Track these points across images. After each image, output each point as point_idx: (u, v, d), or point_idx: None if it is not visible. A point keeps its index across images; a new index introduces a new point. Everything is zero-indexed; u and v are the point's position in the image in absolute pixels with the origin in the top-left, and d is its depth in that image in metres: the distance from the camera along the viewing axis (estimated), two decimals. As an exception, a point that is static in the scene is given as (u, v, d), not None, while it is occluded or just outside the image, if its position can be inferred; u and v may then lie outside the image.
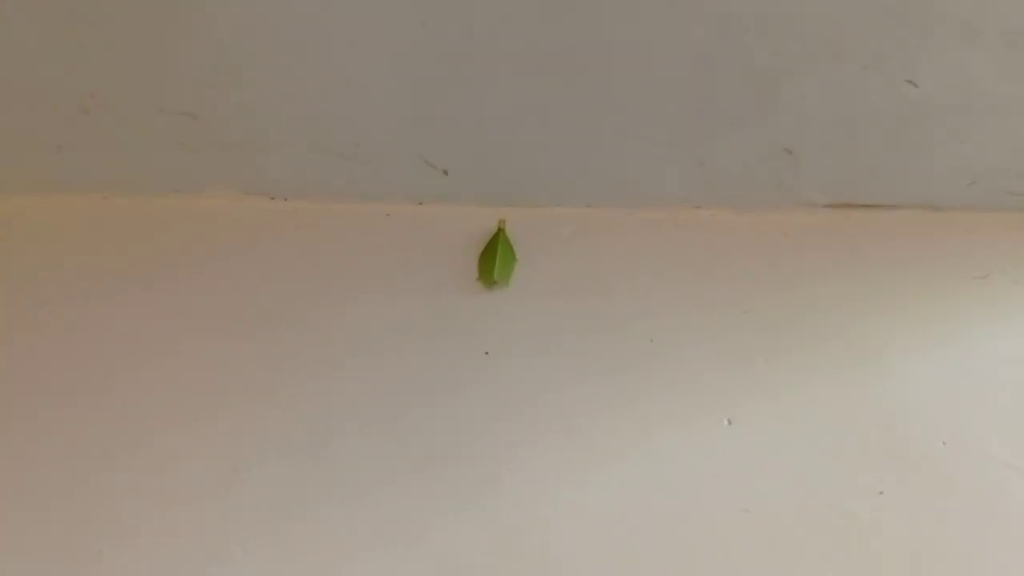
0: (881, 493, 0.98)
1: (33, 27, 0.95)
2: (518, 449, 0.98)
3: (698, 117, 1.10)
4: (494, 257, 1.12)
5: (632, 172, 1.18)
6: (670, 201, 1.21)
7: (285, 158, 1.12)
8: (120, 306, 1.07)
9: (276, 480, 0.94)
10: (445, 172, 1.15)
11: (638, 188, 1.20)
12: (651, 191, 1.20)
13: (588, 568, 0.92)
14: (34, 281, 1.08)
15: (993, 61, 1.03)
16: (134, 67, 1.00)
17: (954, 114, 1.10)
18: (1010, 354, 1.10)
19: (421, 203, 1.19)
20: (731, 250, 1.19)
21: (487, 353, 1.06)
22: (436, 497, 0.94)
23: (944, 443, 1.02)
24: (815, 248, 1.20)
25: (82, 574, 0.88)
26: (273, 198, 1.17)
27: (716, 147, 1.14)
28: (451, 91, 1.06)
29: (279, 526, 0.91)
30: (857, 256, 1.20)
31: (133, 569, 0.88)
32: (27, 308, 1.06)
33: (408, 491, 0.95)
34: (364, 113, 1.08)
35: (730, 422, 1.03)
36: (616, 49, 1.02)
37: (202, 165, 1.12)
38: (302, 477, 0.95)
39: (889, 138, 1.14)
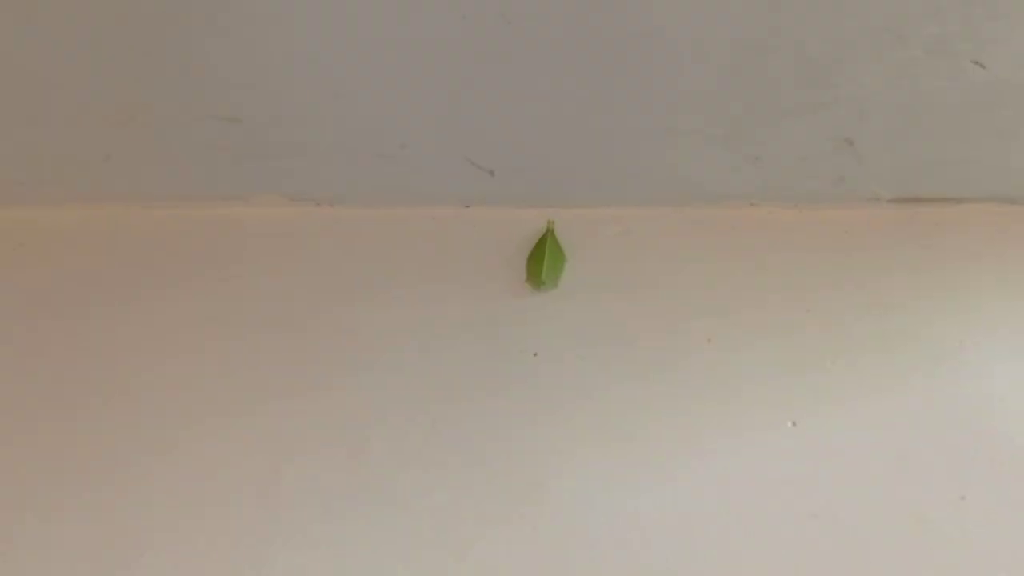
0: (963, 499, 0.92)
1: (75, 35, 0.96)
2: (567, 454, 0.95)
3: (751, 108, 1.06)
4: (543, 258, 1.10)
5: (683, 169, 1.14)
6: (724, 199, 1.17)
7: (330, 163, 1.11)
8: (166, 314, 1.07)
9: (318, 482, 0.93)
10: (491, 173, 1.13)
11: (690, 186, 1.16)
12: (703, 189, 1.16)
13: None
14: (81, 291, 1.08)
15: (1069, 37, 0.97)
16: (177, 73, 1.00)
17: (1028, 97, 1.04)
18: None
19: (468, 206, 1.17)
20: (791, 248, 1.14)
21: (536, 355, 1.03)
22: (480, 503, 0.92)
23: (1031, 446, 0.95)
24: (881, 245, 1.15)
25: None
26: (319, 204, 1.16)
27: (771, 140, 1.10)
28: (495, 89, 1.04)
29: (319, 530, 0.89)
30: (926, 253, 1.14)
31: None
32: (73, 317, 1.06)
33: (451, 496, 0.92)
34: (408, 114, 1.06)
35: (795, 424, 0.97)
36: (662, 38, 0.99)
37: (247, 172, 1.12)
38: (344, 480, 0.93)
39: (957, 126, 1.08)
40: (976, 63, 1.01)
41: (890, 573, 0.88)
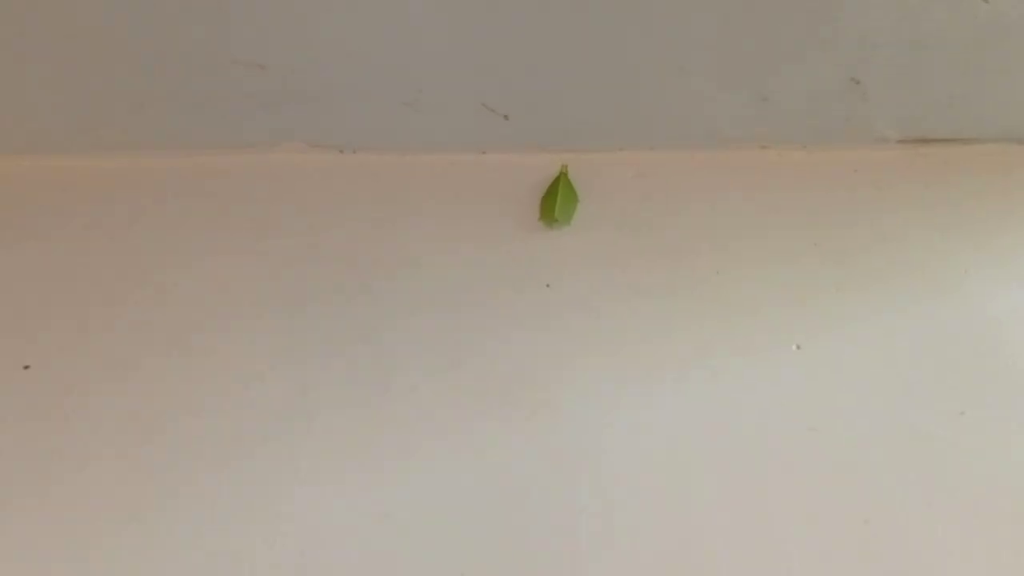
0: (962, 414, 0.94)
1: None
2: (579, 374, 0.98)
3: (758, 47, 1.08)
4: (555, 197, 1.13)
5: (694, 112, 1.16)
6: (735, 142, 1.20)
7: (352, 109, 1.15)
8: (195, 257, 1.10)
9: (344, 403, 0.96)
10: (506, 117, 1.16)
11: (700, 129, 1.19)
12: (714, 132, 1.19)
13: (647, 485, 0.90)
14: (110, 236, 1.12)
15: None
16: (205, 18, 1.04)
17: (1032, 33, 1.05)
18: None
19: (484, 152, 1.21)
20: (800, 188, 1.16)
21: (548, 285, 1.06)
22: (498, 420, 0.95)
23: (1029, 368, 0.98)
24: (889, 184, 1.17)
25: (156, 491, 0.91)
26: (342, 151, 1.20)
27: (778, 80, 1.12)
28: (509, 34, 1.07)
29: (346, 449, 0.93)
30: (933, 191, 1.16)
31: (205, 490, 0.91)
32: (103, 260, 1.09)
33: (471, 414, 0.95)
34: (425, 59, 1.10)
35: (799, 347, 1.00)
36: (671, -21, 1.02)
37: (272, 119, 1.16)
38: (369, 402, 0.96)
39: (962, 64, 1.10)
40: (979, -2, 1.02)
41: (887, 482, 0.90)
